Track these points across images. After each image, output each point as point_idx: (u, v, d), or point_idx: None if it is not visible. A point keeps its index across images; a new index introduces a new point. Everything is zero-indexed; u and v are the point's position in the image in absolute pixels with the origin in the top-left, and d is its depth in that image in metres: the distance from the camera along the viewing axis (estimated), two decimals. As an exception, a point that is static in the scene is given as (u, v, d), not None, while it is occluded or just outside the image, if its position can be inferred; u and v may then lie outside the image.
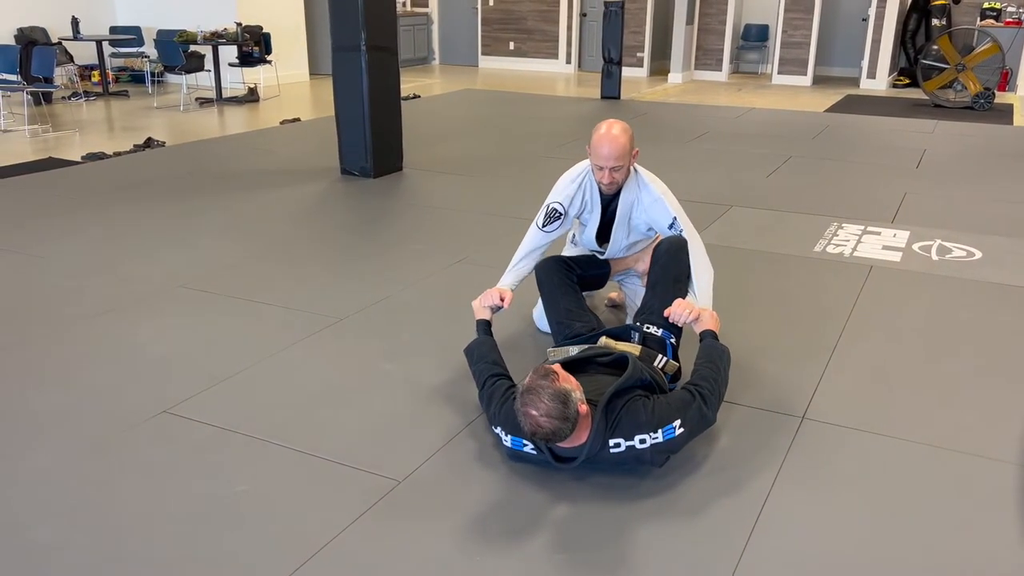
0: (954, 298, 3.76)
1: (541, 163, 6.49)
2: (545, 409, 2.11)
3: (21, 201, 5.26)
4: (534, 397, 2.13)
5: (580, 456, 2.25)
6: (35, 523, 2.14)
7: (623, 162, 2.88)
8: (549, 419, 2.12)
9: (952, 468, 2.43)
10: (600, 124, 2.91)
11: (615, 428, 2.24)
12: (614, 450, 2.25)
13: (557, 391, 2.13)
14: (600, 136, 2.87)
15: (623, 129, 2.88)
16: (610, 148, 2.84)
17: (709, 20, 12.43)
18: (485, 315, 2.84)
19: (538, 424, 2.13)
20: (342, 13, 5.66)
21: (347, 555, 2.04)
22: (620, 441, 2.24)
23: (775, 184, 5.89)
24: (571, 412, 2.14)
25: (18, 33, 9.65)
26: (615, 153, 2.84)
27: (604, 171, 2.89)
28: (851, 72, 12.49)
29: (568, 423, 2.14)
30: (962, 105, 9.64)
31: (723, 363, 2.54)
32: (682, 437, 2.29)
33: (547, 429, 2.14)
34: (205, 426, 2.61)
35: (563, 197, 3.02)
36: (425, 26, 14.23)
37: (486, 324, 2.82)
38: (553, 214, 3.01)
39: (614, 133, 2.85)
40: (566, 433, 2.16)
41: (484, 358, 2.66)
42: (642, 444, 2.24)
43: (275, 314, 3.50)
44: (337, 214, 5.15)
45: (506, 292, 2.88)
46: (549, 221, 3.01)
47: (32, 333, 3.30)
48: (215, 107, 9.37)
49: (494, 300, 2.84)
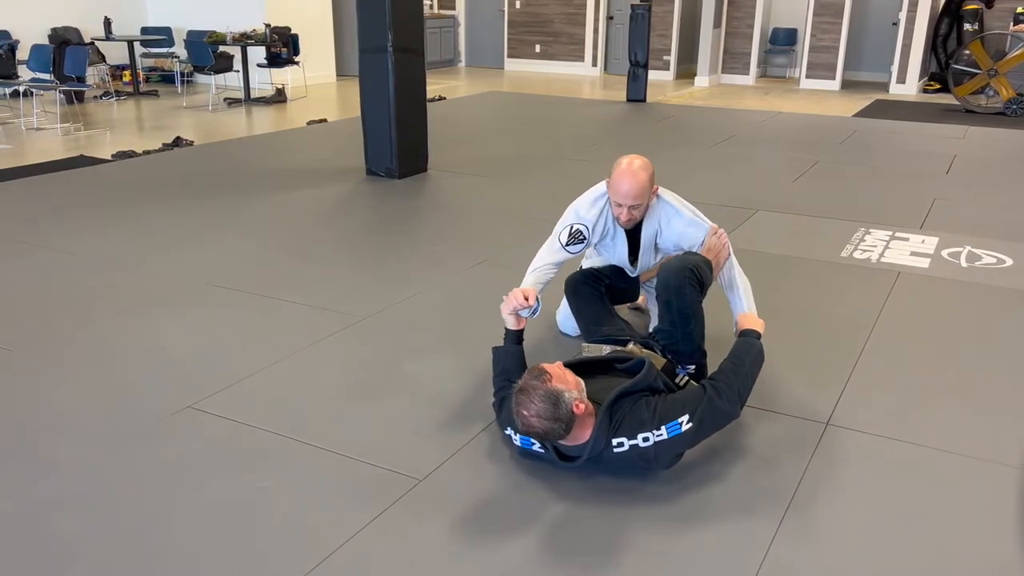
0: (983, 305, 3.71)
1: (566, 166, 6.48)
2: (536, 410, 2.13)
3: (52, 198, 5.34)
4: (525, 397, 2.15)
5: (583, 455, 2.25)
6: (60, 515, 2.17)
7: (641, 200, 2.79)
8: (539, 419, 2.13)
9: (978, 477, 2.39)
10: (621, 159, 2.81)
11: (618, 428, 2.24)
12: (617, 449, 2.25)
13: (548, 392, 2.13)
14: (620, 172, 2.77)
15: (643, 166, 2.77)
16: (630, 186, 2.75)
17: (737, 23, 12.36)
18: (514, 324, 2.66)
19: (529, 424, 2.15)
20: (369, 15, 5.69)
21: (367, 552, 2.05)
22: (623, 440, 2.24)
23: (802, 189, 5.84)
24: (562, 412, 2.14)
25: (52, 33, 9.81)
26: (634, 192, 2.75)
27: (623, 208, 2.80)
28: (880, 77, 12.36)
29: (560, 423, 2.14)
30: (994, 111, 9.50)
31: (749, 357, 2.51)
32: (690, 433, 2.26)
33: (538, 429, 2.15)
34: (229, 422, 2.63)
35: (587, 221, 2.90)
36: (451, 28, 14.28)
37: (516, 334, 2.67)
38: (578, 235, 2.89)
39: (634, 169, 2.75)
40: (559, 433, 2.17)
41: (504, 372, 2.63)
42: (645, 443, 2.23)
43: (299, 312, 3.53)
44: (362, 214, 5.17)
45: (530, 291, 2.68)
46: (573, 242, 2.89)
47: (60, 328, 3.35)
48: (243, 107, 9.46)
49: (518, 301, 2.63)
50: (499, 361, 2.67)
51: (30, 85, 8.37)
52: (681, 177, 5.81)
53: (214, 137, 7.60)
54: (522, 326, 2.68)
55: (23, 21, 9.65)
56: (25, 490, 2.28)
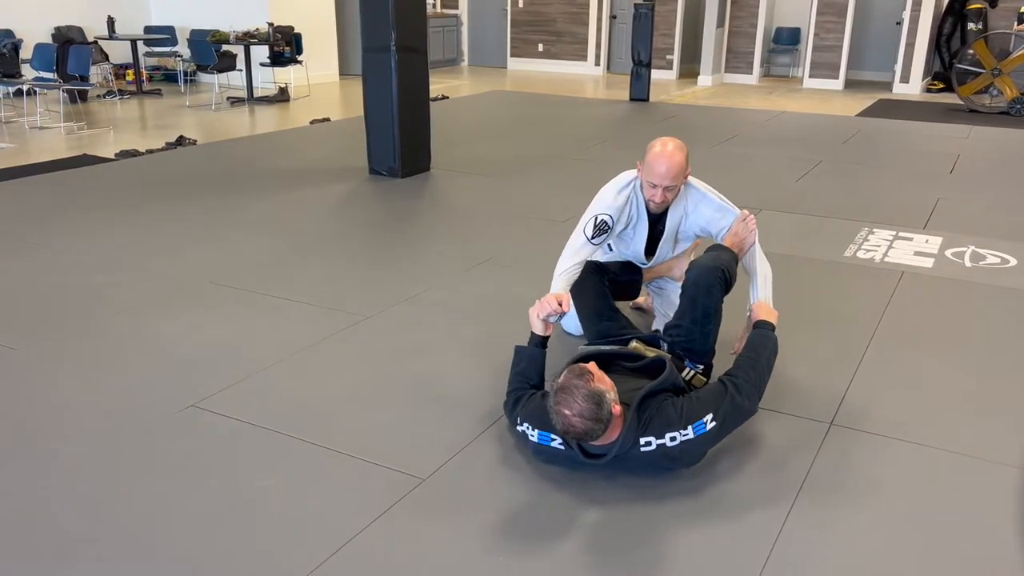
0: (987, 305, 3.70)
1: (569, 165, 6.48)
2: (579, 409, 2.12)
3: (56, 197, 5.35)
4: (568, 396, 2.13)
5: (610, 453, 2.25)
6: (64, 514, 2.17)
7: (677, 182, 2.78)
8: (582, 419, 2.13)
9: (981, 477, 2.39)
10: (655, 142, 2.79)
11: (646, 427, 2.25)
12: (644, 448, 2.25)
13: (592, 392, 2.13)
14: (656, 154, 2.74)
15: (679, 147, 2.76)
16: (667, 167, 2.72)
17: (740, 23, 12.35)
18: (542, 330, 2.60)
19: (570, 424, 2.14)
20: (372, 14, 5.69)
21: (370, 551, 2.04)
22: (651, 440, 2.24)
23: (805, 188, 5.83)
24: (604, 413, 2.14)
25: (55, 32, 9.83)
26: (672, 172, 2.73)
27: (657, 190, 2.78)
28: (884, 76, 12.34)
29: (601, 424, 2.14)
30: (998, 110, 9.48)
31: (765, 351, 2.51)
32: (714, 431, 2.28)
33: (579, 429, 2.14)
34: (232, 420, 2.63)
35: (612, 210, 2.88)
36: (454, 27, 14.27)
37: (542, 339, 2.61)
38: (603, 226, 2.86)
39: (670, 151, 2.73)
40: (598, 434, 2.17)
41: (523, 373, 2.59)
42: (672, 442, 2.24)
43: (302, 311, 3.53)
44: (365, 213, 5.17)
45: (562, 296, 2.64)
46: (598, 233, 2.86)
47: (62, 327, 3.35)
48: (246, 106, 9.47)
49: (551, 307, 2.55)
50: (520, 361, 2.63)
51: (33, 84, 8.37)
52: (684, 176, 5.79)
53: (217, 136, 7.60)
54: (549, 332, 2.63)
55: (27, 20, 9.66)
56: (26, 488, 2.28)
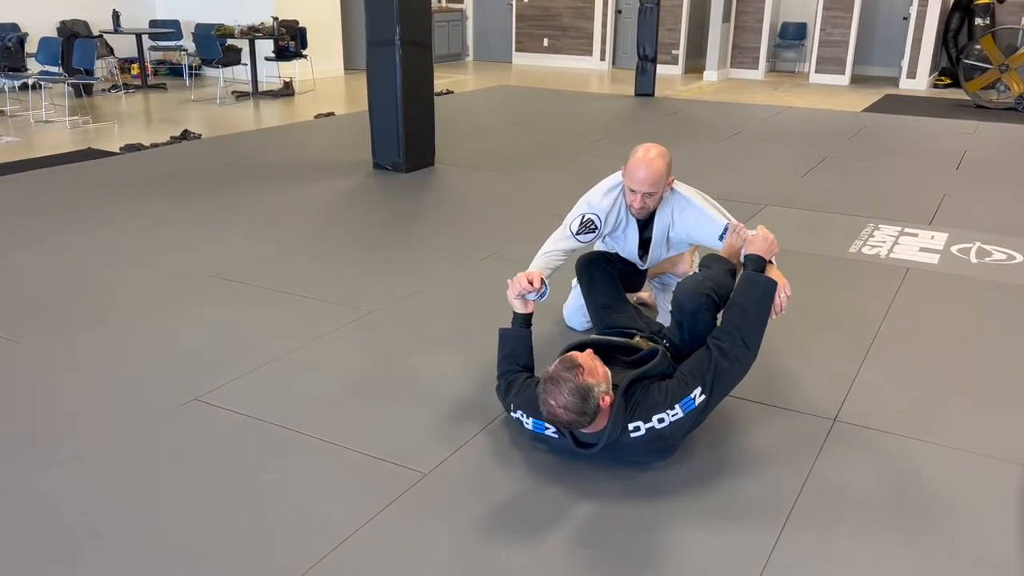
0: (993, 302, 3.68)
1: (574, 160, 6.47)
2: (564, 402, 2.13)
3: (60, 191, 5.36)
4: (555, 388, 2.14)
5: (600, 442, 2.25)
6: (69, 508, 2.18)
7: (656, 189, 2.78)
8: (566, 411, 2.14)
9: (986, 474, 2.38)
10: (638, 147, 2.80)
11: (633, 412, 2.25)
12: (634, 434, 2.25)
13: (579, 386, 2.13)
14: (637, 160, 2.76)
15: (660, 154, 2.76)
16: (646, 173, 2.74)
17: (746, 18, 12.30)
18: (522, 307, 2.62)
19: (555, 413, 2.16)
20: (377, 8, 5.68)
21: (372, 545, 2.05)
22: (639, 424, 2.25)
23: (810, 184, 5.82)
24: (590, 407, 2.14)
25: (60, 26, 9.84)
26: (650, 179, 2.74)
27: (637, 195, 2.78)
28: (890, 72, 12.29)
29: (585, 417, 2.15)
30: (1005, 106, 9.44)
31: (753, 300, 2.40)
32: (703, 403, 2.28)
33: (563, 419, 2.16)
34: (235, 415, 2.64)
35: (599, 210, 2.88)
36: (459, 22, 14.25)
37: (524, 317, 2.63)
38: (589, 224, 2.86)
39: (651, 157, 2.74)
40: (583, 425, 2.19)
41: (511, 355, 2.61)
42: (661, 424, 2.25)
43: (306, 306, 3.53)
44: (369, 208, 5.17)
45: (535, 274, 2.62)
46: (584, 231, 2.86)
47: (67, 321, 3.36)
48: (251, 101, 9.47)
49: (522, 285, 2.58)
50: (506, 344, 2.63)
51: (39, 78, 8.38)
52: (690, 172, 5.77)
53: (222, 130, 7.60)
54: (530, 310, 2.64)
55: (32, 14, 9.67)
56: (31, 482, 2.28)
